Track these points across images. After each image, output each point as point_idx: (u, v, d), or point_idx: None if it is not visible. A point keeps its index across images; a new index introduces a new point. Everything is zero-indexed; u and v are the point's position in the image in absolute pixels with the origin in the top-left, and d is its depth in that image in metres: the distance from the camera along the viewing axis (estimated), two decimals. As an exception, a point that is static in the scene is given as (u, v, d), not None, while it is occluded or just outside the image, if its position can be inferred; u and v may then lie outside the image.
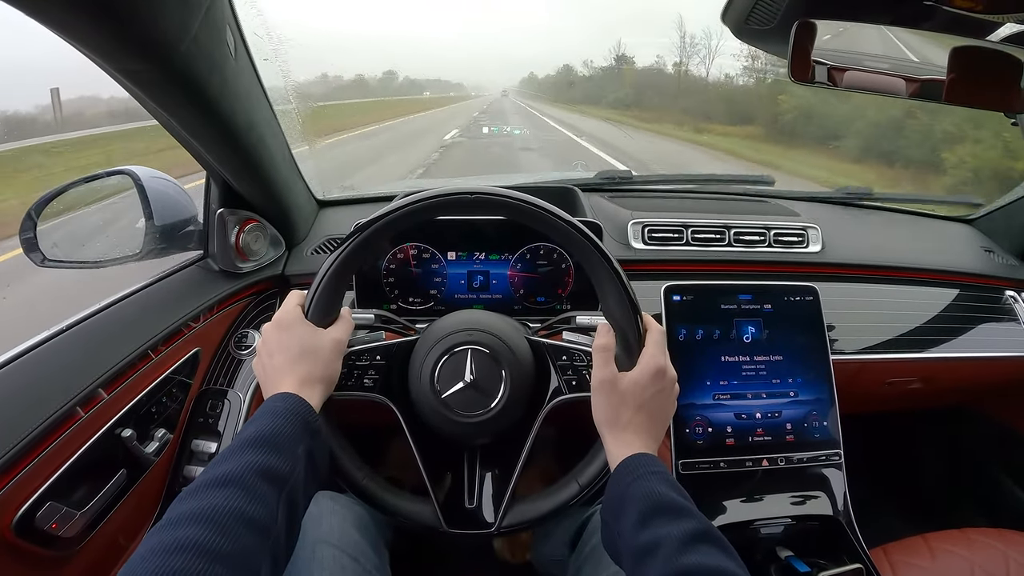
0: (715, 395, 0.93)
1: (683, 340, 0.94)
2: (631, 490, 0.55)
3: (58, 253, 0.86)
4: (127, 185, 0.88)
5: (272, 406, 0.56)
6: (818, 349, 0.98)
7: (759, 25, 0.71)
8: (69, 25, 0.52)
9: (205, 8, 0.60)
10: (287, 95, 0.96)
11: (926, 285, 1.22)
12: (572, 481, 0.70)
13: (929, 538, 0.96)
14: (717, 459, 0.91)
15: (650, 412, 0.62)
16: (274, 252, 1.03)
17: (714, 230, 1.12)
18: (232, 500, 0.44)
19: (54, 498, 0.64)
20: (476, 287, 0.97)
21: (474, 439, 0.73)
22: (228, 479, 0.46)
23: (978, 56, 0.74)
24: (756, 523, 0.91)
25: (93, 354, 0.75)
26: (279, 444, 0.51)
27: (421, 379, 0.69)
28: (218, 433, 0.87)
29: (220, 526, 0.42)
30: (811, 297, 0.99)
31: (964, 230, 1.42)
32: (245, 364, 0.93)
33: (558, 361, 0.73)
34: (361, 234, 0.64)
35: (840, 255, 1.16)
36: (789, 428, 0.95)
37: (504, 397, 0.68)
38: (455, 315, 0.75)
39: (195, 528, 0.42)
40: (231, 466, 0.47)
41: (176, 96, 0.66)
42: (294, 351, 0.61)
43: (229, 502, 0.44)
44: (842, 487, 0.95)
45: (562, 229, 0.64)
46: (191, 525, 0.42)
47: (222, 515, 0.43)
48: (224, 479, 0.46)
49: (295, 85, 1.04)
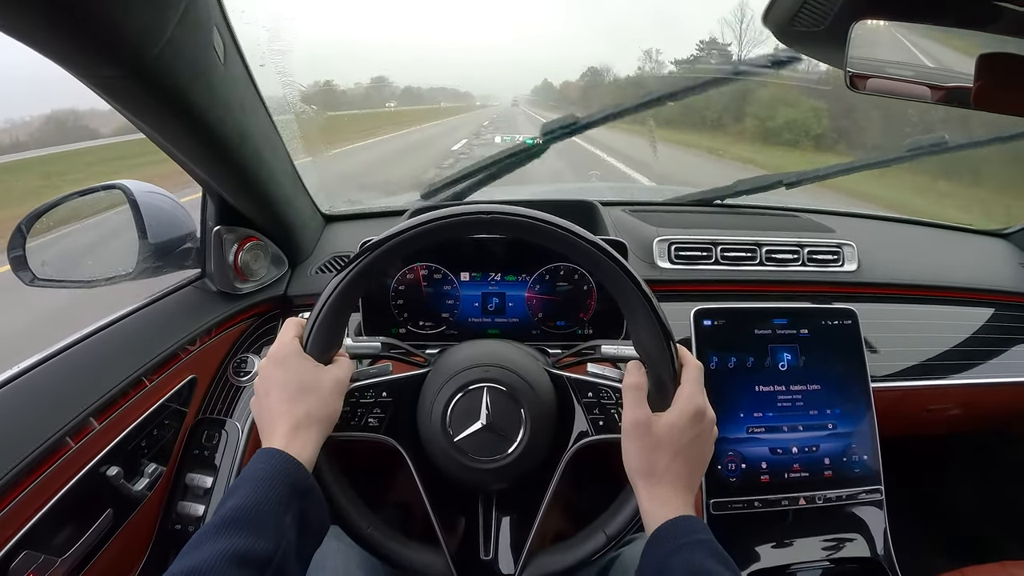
0: (749, 428, 0.87)
1: (715, 368, 0.88)
2: (672, 562, 0.49)
3: (48, 272, 0.83)
4: (120, 200, 0.84)
5: (255, 470, 0.51)
6: (858, 377, 0.92)
7: (807, 27, 0.64)
8: (23, 28, 0.47)
9: (183, 7, 0.54)
10: (288, 104, 0.90)
11: (961, 304, 1.17)
12: (599, 531, 0.64)
13: (968, 573, 0.89)
14: (751, 498, 0.85)
15: (687, 458, 0.56)
16: (276, 271, 0.98)
17: (745, 248, 1.05)
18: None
19: (31, 546, 0.59)
20: (491, 310, 0.91)
21: (491, 485, 0.67)
22: (197, 573, 0.42)
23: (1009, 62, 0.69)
24: (792, 568, 0.85)
25: (84, 381, 0.71)
26: (260, 520, 0.46)
27: (432, 420, 0.63)
28: (214, 466, 0.82)
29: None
30: (850, 321, 0.93)
31: (1000, 245, 1.36)
32: (244, 391, 0.88)
33: (583, 398, 0.66)
34: (366, 256, 0.58)
35: (876, 274, 1.11)
36: (827, 463, 0.89)
37: (524, 440, 0.62)
38: (468, 346, 0.69)
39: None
40: (202, 556, 0.43)
41: (154, 106, 0.61)
42: (290, 389, 0.56)
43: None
44: (882, 526, 0.89)
45: (586, 251, 0.58)
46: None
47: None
48: (193, 573, 0.42)
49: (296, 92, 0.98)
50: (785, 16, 0.64)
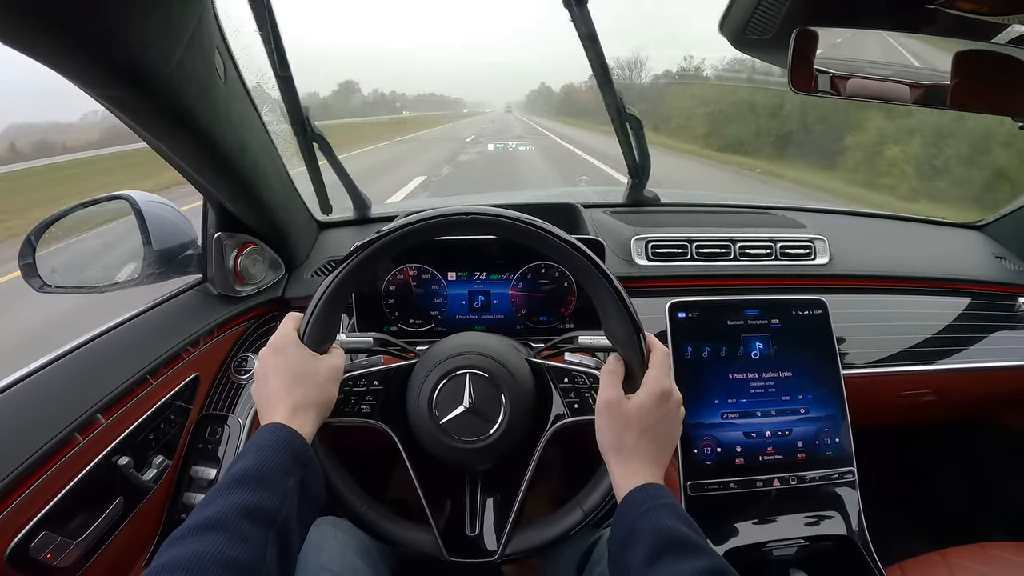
0: (723, 414, 0.91)
1: (689, 358, 0.92)
2: (640, 524, 0.53)
3: (57, 278, 0.86)
4: (125, 210, 0.88)
5: (259, 440, 0.55)
6: (828, 364, 0.95)
7: (757, 35, 0.69)
8: (44, 51, 0.51)
9: (190, 33, 0.59)
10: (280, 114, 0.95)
11: (937, 294, 1.20)
12: (576, 507, 0.68)
13: (947, 554, 0.93)
14: (727, 480, 0.89)
15: (655, 436, 0.61)
16: (274, 275, 1.02)
17: (719, 244, 1.10)
18: (215, 545, 0.44)
19: (49, 527, 0.63)
20: (477, 307, 0.96)
21: (475, 465, 0.71)
22: (212, 523, 0.46)
23: (983, 59, 0.73)
24: (768, 545, 0.88)
25: (91, 380, 0.74)
26: (266, 479, 0.51)
27: (419, 404, 0.68)
28: (218, 459, 0.86)
29: (203, 574, 0.42)
30: (820, 311, 0.97)
31: (974, 237, 1.39)
32: (245, 389, 0.92)
33: (560, 384, 0.71)
34: (357, 256, 0.63)
35: (848, 266, 1.14)
36: (800, 446, 0.92)
37: (504, 422, 0.67)
38: (453, 338, 0.74)
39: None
40: (215, 509, 0.47)
41: (164, 123, 0.66)
42: (288, 376, 0.61)
43: (212, 548, 0.44)
44: (856, 505, 0.93)
45: (560, 248, 0.62)
46: (174, 573, 0.42)
47: (205, 562, 0.43)
48: (208, 523, 0.46)
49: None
50: (738, 25, 0.70)
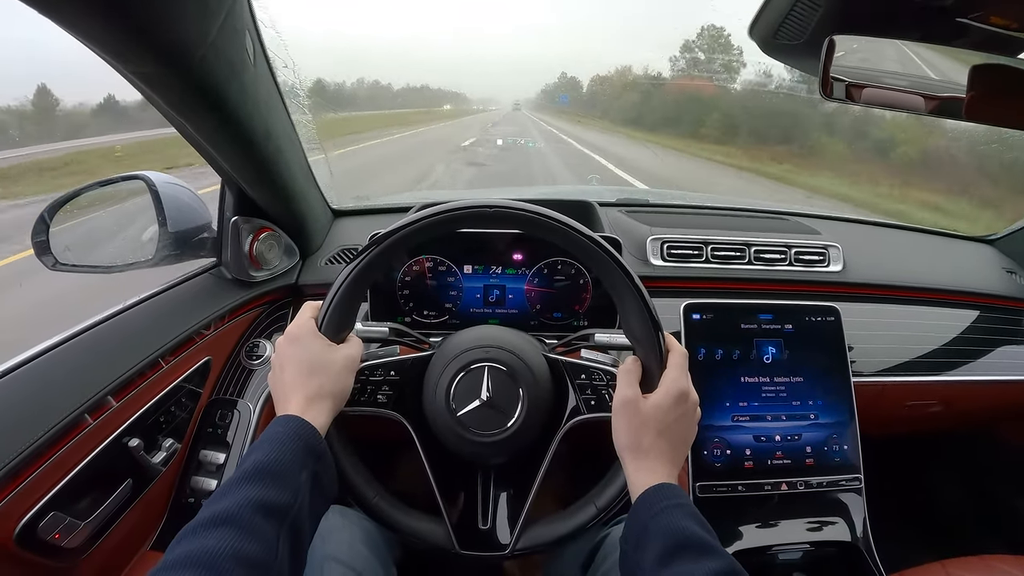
0: (734, 416, 0.92)
1: (702, 360, 0.92)
2: (654, 523, 0.53)
3: (70, 257, 0.85)
4: (141, 190, 0.88)
5: (274, 432, 0.54)
6: (839, 371, 0.96)
7: (788, 40, 0.69)
8: (83, 25, 0.51)
9: (224, 13, 0.59)
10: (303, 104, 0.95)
11: (947, 306, 1.21)
12: (590, 504, 0.68)
13: (948, 564, 0.93)
14: (735, 482, 0.89)
15: (671, 436, 0.60)
16: (288, 261, 1.02)
17: (734, 247, 1.10)
18: (228, 540, 0.44)
19: (57, 508, 0.62)
20: (492, 301, 0.95)
21: (489, 459, 0.71)
22: (225, 518, 0.45)
23: (1000, 74, 0.72)
24: (774, 548, 0.89)
25: (103, 361, 0.74)
26: (280, 473, 0.50)
27: (436, 396, 0.68)
28: (227, 444, 0.86)
29: (216, 570, 0.42)
30: (832, 318, 0.97)
31: (985, 251, 1.40)
32: (256, 374, 0.92)
33: (576, 380, 0.71)
34: (377, 247, 0.63)
35: (861, 275, 1.15)
36: (809, 451, 0.93)
37: (521, 416, 0.67)
38: (471, 331, 0.74)
39: (191, 573, 0.41)
40: (228, 503, 0.47)
41: (193, 102, 0.65)
42: (305, 365, 0.60)
43: (224, 543, 0.43)
44: (862, 512, 0.93)
45: (582, 244, 0.62)
46: (187, 569, 0.42)
47: (218, 558, 0.42)
48: (221, 518, 0.45)
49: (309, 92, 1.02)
50: (769, 30, 0.69)
